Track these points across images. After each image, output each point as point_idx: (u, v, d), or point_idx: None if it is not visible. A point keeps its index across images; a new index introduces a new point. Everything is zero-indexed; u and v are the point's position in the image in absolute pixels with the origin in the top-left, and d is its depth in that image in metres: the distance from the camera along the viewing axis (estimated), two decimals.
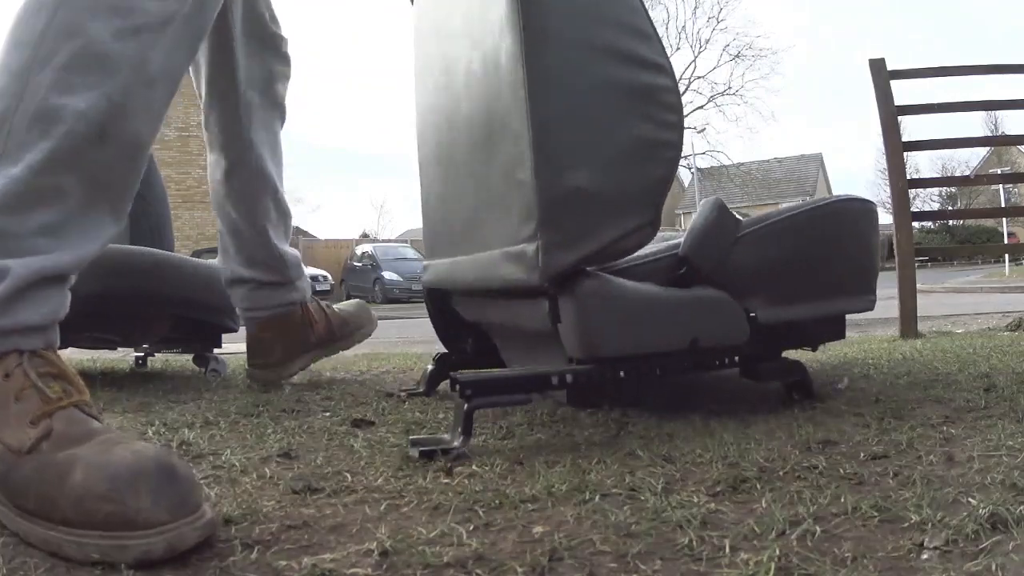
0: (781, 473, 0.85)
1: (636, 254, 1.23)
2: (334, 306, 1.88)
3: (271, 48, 1.64)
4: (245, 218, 1.64)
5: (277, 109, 1.68)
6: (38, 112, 0.79)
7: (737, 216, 1.28)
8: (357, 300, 2.02)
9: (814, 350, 1.86)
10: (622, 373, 1.15)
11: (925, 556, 0.59)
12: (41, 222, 0.81)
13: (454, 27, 1.36)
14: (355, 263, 17.62)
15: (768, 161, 37.74)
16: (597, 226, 1.10)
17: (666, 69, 1.14)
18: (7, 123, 0.79)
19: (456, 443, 1.00)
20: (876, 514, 0.69)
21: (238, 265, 1.68)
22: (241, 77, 1.57)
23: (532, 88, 1.07)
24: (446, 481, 0.87)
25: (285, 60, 1.68)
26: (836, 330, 1.44)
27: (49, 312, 0.82)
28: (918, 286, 3.06)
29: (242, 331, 1.86)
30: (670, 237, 1.37)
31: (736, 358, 1.26)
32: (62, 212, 0.82)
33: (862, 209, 1.42)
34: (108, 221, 0.87)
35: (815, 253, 1.34)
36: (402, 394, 1.57)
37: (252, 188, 1.63)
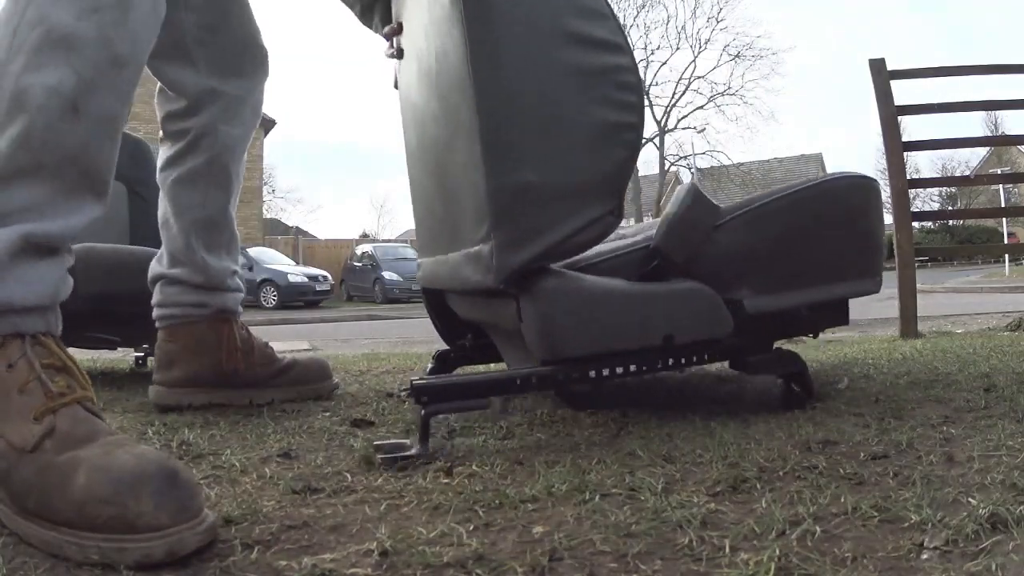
0: (781, 473, 0.85)
1: (606, 248, 1.20)
2: (294, 355, 1.61)
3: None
4: (181, 211, 1.46)
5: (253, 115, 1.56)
6: (13, 94, 0.81)
7: (715, 203, 1.23)
8: (318, 358, 1.67)
9: (815, 336, 1.84)
10: (592, 373, 1.11)
11: (925, 556, 0.59)
12: (24, 199, 0.81)
13: (422, 15, 1.27)
14: (355, 263, 17.63)
15: (768, 161, 37.71)
16: (554, 220, 1.05)
17: (623, 48, 1.10)
18: None
19: (414, 450, 0.99)
20: (876, 514, 0.69)
21: (160, 263, 1.50)
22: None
23: (477, 77, 1.03)
24: (446, 481, 0.87)
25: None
26: (837, 316, 1.37)
27: (46, 290, 0.81)
28: (918, 286, 3.06)
29: None
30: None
31: (724, 351, 1.23)
32: (44, 189, 0.82)
33: (857, 185, 1.34)
34: (90, 199, 0.87)
35: (806, 236, 1.28)
36: (402, 394, 1.57)
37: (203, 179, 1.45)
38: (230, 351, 1.45)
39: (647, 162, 32.03)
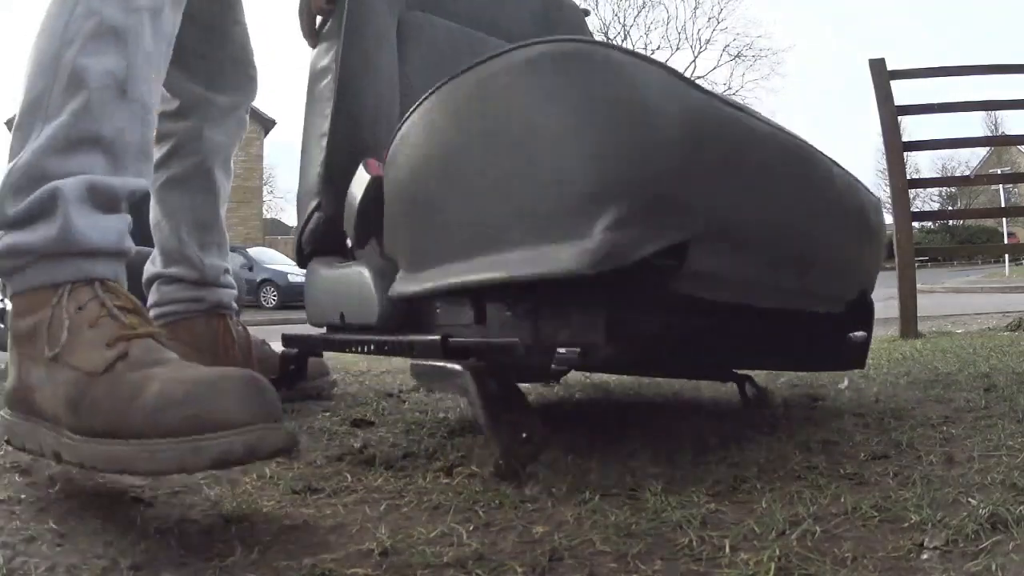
0: (781, 473, 0.85)
1: None
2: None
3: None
4: (171, 212, 1.49)
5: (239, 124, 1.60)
6: (71, 76, 0.86)
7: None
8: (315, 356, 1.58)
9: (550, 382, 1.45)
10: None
11: (925, 556, 0.59)
12: (86, 163, 0.85)
13: None
14: None
15: None
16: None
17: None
18: (47, 95, 0.86)
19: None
20: (876, 514, 0.69)
21: (154, 264, 1.53)
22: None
23: None
24: (446, 481, 0.87)
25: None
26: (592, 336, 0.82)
27: (113, 237, 0.85)
28: (918, 286, 3.06)
29: None
30: None
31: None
32: (103, 157, 0.87)
33: (568, 54, 0.75)
34: (143, 171, 0.92)
35: (464, 158, 0.84)
36: (401, 394, 1.57)
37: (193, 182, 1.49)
38: (227, 346, 1.47)
39: None
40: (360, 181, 1.09)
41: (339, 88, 1.25)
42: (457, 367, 0.88)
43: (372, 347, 1.10)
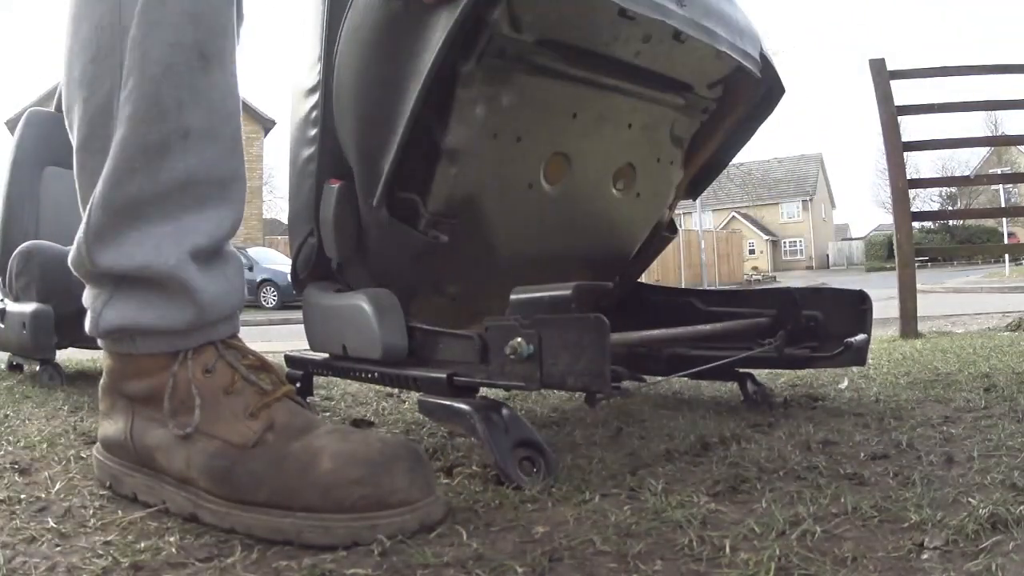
0: (781, 473, 0.85)
1: None
2: None
3: None
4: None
5: None
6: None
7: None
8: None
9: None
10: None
11: (925, 556, 0.59)
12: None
13: None
14: None
15: (768, 161, 37.75)
16: (292, 241, 1.29)
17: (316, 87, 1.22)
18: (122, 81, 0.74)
19: None
20: (876, 514, 0.69)
21: None
22: None
23: None
24: (446, 481, 0.87)
25: None
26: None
27: (236, 297, 0.81)
28: (918, 286, 3.06)
29: (242, 332, 1.86)
30: None
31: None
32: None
33: None
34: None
35: None
36: (401, 394, 1.57)
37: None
38: None
39: None
40: (328, 196, 1.15)
41: (325, 111, 1.20)
42: (465, 407, 0.90)
43: (376, 376, 1.10)
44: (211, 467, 0.71)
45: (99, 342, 0.81)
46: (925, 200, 26.02)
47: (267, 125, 20.19)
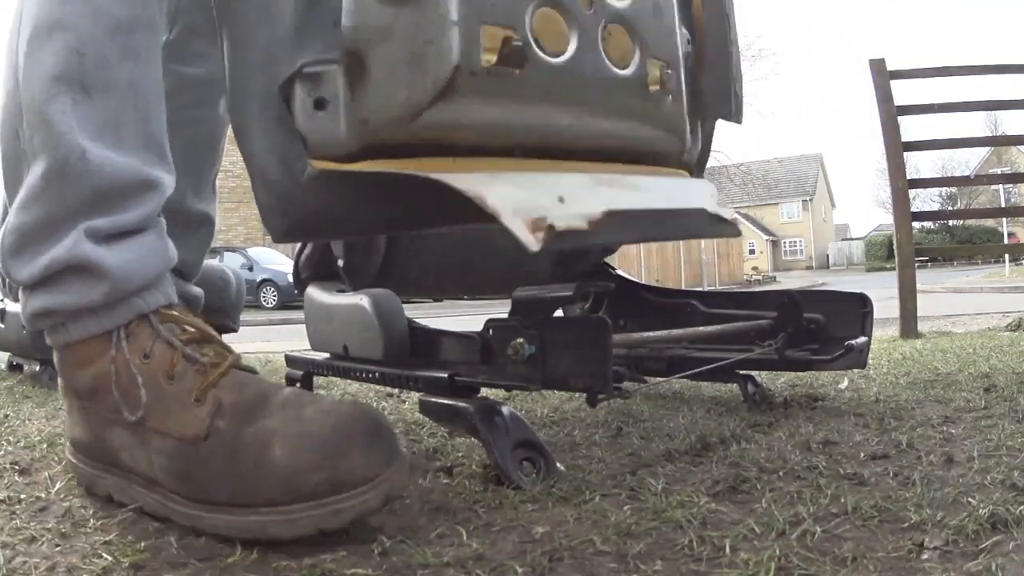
0: (781, 473, 0.85)
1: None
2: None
3: None
4: None
5: None
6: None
7: None
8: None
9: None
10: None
11: (925, 556, 0.59)
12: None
13: None
14: None
15: (768, 161, 37.79)
16: None
17: None
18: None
19: None
20: (876, 514, 0.69)
21: None
22: None
23: None
24: (447, 481, 0.87)
25: None
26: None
27: (154, 262, 0.76)
28: (918, 286, 3.06)
29: (242, 332, 1.86)
30: None
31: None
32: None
33: None
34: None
35: None
36: (401, 394, 1.57)
37: None
38: None
39: None
40: None
41: None
42: (466, 406, 0.89)
43: (377, 376, 1.10)
44: (171, 470, 0.69)
45: (46, 339, 0.80)
46: (925, 200, 26.02)
47: None
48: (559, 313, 1.06)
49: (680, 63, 0.83)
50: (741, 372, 1.33)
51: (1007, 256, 13.99)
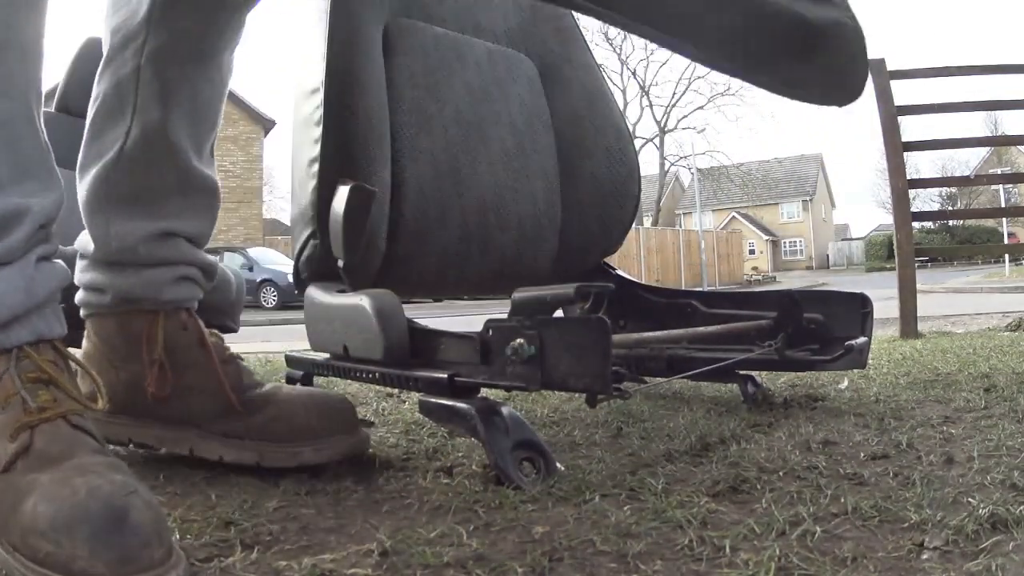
0: (781, 473, 0.85)
1: None
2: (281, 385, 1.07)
3: None
4: None
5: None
6: None
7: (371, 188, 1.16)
8: (330, 394, 1.03)
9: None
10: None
11: (925, 556, 0.59)
12: None
13: None
14: None
15: (768, 161, 37.76)
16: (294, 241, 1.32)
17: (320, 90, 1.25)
18: None
19: None
20: (876, 514, 0.69)
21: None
22: None
23: None
24: (447, 481, 0.87)
25: None
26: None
27: (19, 297, 0.72)
28: (918, 286, 3.06)
29: (242, 332, 1.86)
30: None
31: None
32: None
33: None
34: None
35: None
36: (401, 394, 1.57)
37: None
38: (152, 358, 1.00)
39: (647, 162, 32.03)
40: (341, 195, 1.13)
41: (327, 111, 1.21)
42: (466, 407, 0.89)
43: (377, 376, 1.10)
44: None
45: None
46: (925, 200, 26.01)
47: (267, 125, 20.18)
48: (559, 313, 1.06)
49: None
50: (741, 372, 1.33)
51: (1007, 256, 13.99)
